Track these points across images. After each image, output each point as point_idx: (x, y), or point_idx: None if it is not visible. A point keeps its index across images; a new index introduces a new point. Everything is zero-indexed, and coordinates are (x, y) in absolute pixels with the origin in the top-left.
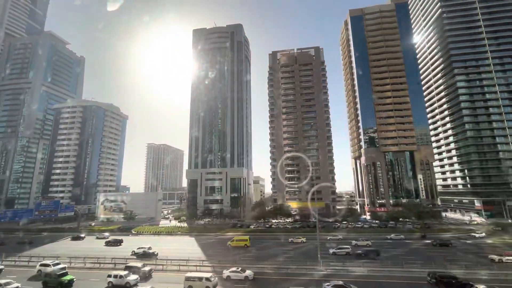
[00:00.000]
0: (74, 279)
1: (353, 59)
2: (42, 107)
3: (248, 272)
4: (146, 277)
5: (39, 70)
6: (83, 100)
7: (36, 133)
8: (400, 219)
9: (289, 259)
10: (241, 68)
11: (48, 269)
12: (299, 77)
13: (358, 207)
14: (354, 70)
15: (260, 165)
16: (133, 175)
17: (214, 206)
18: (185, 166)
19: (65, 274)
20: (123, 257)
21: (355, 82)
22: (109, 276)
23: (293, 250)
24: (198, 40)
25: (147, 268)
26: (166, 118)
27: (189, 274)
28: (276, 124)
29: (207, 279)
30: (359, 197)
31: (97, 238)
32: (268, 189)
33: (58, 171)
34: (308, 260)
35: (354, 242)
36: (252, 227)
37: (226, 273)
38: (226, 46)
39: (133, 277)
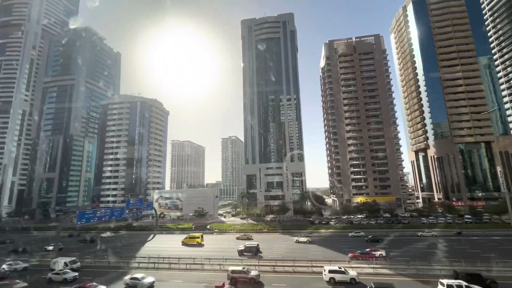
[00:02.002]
0: None
1: (414, 46)
2: (85, 104)
3: None
4: None
5: (82, 67)
6: (129, 95)
7: (82, 131)
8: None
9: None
10: (293, 59)
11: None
12: (359, 67)
13: (420, 201)
14: (418, 58)
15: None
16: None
17: (275, 202)
18: (207, 162)
19: None
20: None
21: (418, 70)
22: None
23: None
24: (247, 31)
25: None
26: (186, 113)
27: None
28: (337, 116)
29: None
30: (423, 191)
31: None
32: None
33: (109, 168)
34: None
35: None
36: (331, 223)
37: None
38: (278, 36)
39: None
